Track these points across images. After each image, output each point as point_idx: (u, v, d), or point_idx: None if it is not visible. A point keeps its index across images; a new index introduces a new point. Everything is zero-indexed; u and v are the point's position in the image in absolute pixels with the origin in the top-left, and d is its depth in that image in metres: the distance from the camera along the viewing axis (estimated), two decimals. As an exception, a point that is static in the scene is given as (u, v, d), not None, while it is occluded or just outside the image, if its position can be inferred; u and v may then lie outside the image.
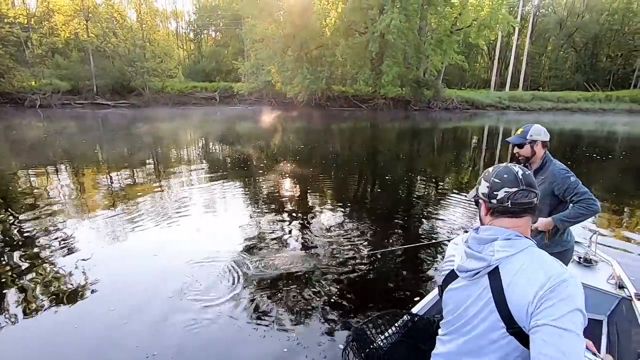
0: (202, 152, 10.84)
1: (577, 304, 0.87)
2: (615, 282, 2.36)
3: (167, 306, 2.76)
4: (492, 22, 23.64)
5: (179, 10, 49.35)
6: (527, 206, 1.01)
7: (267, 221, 4.67)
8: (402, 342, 1.44)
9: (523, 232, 1.01)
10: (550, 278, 0.89)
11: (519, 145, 2.12)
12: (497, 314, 0.93)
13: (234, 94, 28.71)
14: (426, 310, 1.98)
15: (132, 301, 2.84)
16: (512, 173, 1.02)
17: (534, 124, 2.13)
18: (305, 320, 2.67)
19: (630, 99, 28.85)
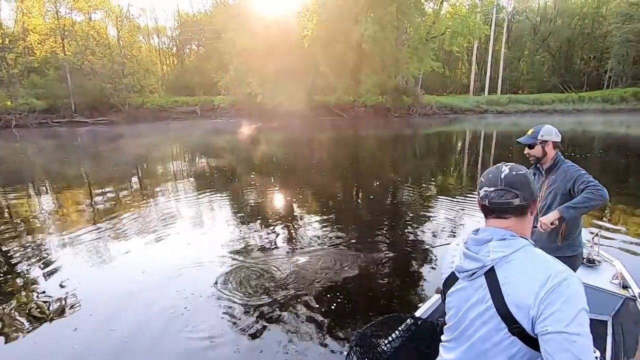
0: (184, 167, 10.78)
1: (581, 303, 0.86)
2: (619, 282, 2.33)
3: (162, 322, 2.75)
4: (464, 30, 24.23)
5: (161, 26, 49.38)
6: (505, 206, 0.99)
7: (256, 231, 4.69)
8: (406, 346, 1.42)
9: (519, 232, 1.00)
10: (550, 276, 0.88)
11: (529, 146, 2.11)
12: (497, 315, 0.92)
13: (216, 108, 28.65)
14: (429, 313, 1.97)
15: (127, 319, 2.80)
16: (497, 172, 1.02)
17: (544, 124, 2.12)
18: (306, 326, 2.66)
19: (602, 99, 29.72)
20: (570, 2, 41.49)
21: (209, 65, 42.74)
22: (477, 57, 39.71)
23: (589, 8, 39.44)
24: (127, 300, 3.08)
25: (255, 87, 26.29)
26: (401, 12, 23.34)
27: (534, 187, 1.01)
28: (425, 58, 25.80)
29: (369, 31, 21.22)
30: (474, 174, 8.93)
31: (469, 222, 5.02)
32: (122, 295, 3.15)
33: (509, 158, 11.03)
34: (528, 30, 41.88)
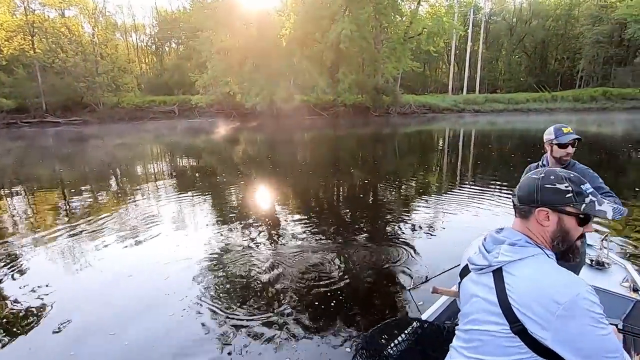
0: (157, 168, 10.56)
1: (598, 313, 0.86)
2: (629, 285, 2.28)
3: (158, 326, 2.69)
4: (440, 30, 24.61)
5: (139, 23, 48.31)
6: (514, 206, 1.04)
7: (237, 233, 4.64)
8: (412, 350, 1.41)
9: (535, 238, 1.00)
10: (561, 290, 0.87)
11: (572, 144, 2.02)
12: (501, 313, 0.94)
13: (194, 107, 28.25)
14: (436, 316, 1.93)
15: (110, 325, 2.72)
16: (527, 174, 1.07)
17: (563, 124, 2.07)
18: (310, 330, 2.63)
19: (574, 98, 30.71)
20: (545, 4, 42.69)
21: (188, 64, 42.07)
22: (456, 57, 40.43)
23: (562, 10, 40.67)
24: (110, 304, 3.03)
25: (234, 86, 26.06)
26: (378, 12, 23.52)
27: (539, 195, 0.98)
28: (403, 58, 26.09)
29: (346, 31, 21.32)
30: (455, 172, 9.16)
31: (451, 219, 5.16)
32: (103, 300, 3.11)
33: (489, 156, 11.40)
34: (505, 31, 42.88)
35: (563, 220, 0.98)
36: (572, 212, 0.97)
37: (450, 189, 7.14)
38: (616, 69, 34.87)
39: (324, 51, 23.20)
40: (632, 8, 30.90)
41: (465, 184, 7.53)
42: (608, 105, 29.98)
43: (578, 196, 0.97)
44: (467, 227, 4.86)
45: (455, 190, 7.01)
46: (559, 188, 0.97)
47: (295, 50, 24.31)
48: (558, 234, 0.98)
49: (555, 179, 0.99)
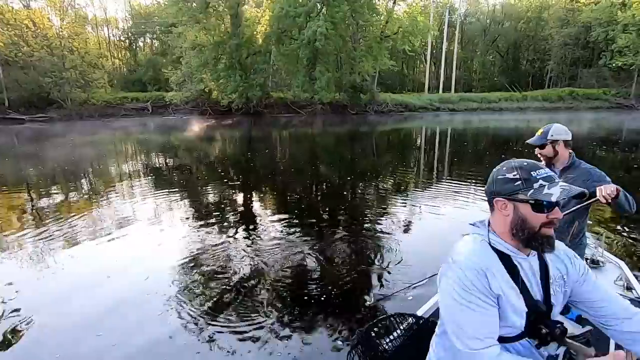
0: (131, 166, 10.20)
1: (444, 283, 1.04)
2: (623, 284, 2.30)
3: (137, 327, 2.66)
4: (415, 30, 25.00)
5: (112, 17, 46.61)
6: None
7: (214, 232, 4.58)
8: (408, 345, 1.41)
9: (494, 225, 1.07)
10: (446, 259, 1.07)
11: (540, 146, 2.09)
12: None
13: (168, 104, 27.59)
14: (432, 312, 1.94)
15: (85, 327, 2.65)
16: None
17: (554, 123, 2.08)
18: (305, 326, 2.64)
19: (542, 98, 31.92)
20: (517, 6, 44.03)
21: (164, 60, 41.05)
22: (432, 57, 41.19)
23: (533, 12, 42.07)
24: (84, 307, 2.95)
25: (209, 83, 25.62)
26: (354, 11, 23.63)
27: (494, 186, 1.05)
28: (380, 56, 26.33)
29: (322, 29, 21.32)
30: (432, 169, 9.38)
31: (429, 215, 5.28)
32: (77, 303, 3.02)
33: (465, 154, 11.68)
34: (479, 32, 43.98)
35: (518, 209, 1.01)
36: (523, 199, 1.00)
37: (427, 186, 7.32)
38: (582, 70, 36.43)
39: (300, 49, 23.10)
40: (596, 12, 32.36)
41: (442, 181, 7.72)
42: (574, 104, 31.32)
43: (526, 182, 1.00)
44: (444, 221, 5.02)
45: (432, 187, 7.20)
46: (508, 177, 1.02)
47: (271, 47, 24.11)
48: (516, 222, 1.01)
49: (506, 169, 1.04)
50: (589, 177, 1.97)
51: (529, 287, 1.03)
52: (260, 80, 25.12)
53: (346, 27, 24.65)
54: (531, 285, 1.04)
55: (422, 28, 25.15)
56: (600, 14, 31.74)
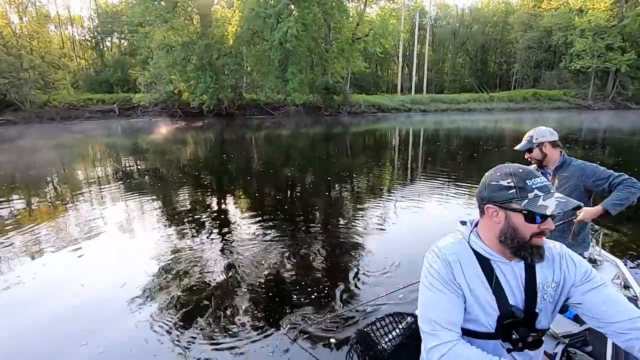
0: (98, 172, 9.74)
1: (427, 270, 1.06)
2: (620, 282, 2.31)
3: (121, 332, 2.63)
4: (385, 32, 25.40)
5: (77, 15, 44.67)
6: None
7: (193, 236, 4.51)
8: (406, 344, 1.40)
9: (482, 229, 1.05)
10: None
11: (528, 150, 2.15)
12: None
13: (136, 106, 26.71)
14: None
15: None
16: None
17: (538, 127, 2.13)
18: (283, 330, 2.63)
19: (508, 99, 33.22)
20: (484, 11, 45.68)
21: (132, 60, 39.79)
22: (406, 59, 42.03)
23: (499, 17, 43.77)
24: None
25: (179, 84, 25.03)
26: (324, 12, 23.74)
27: (486, 192, 1.00)
28: (351, 58, 26.59)
29: (292, 30, 21.28)
30: (405, 169, 9.55)
31: (404, 213, 5.38)
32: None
33: (437, 153, 11.96)
34: (449, 35, 45.30)
35: (510, 217, 0.97)
36: (516, 209, 0.95)
37: (401, 185, 7.45)
38: (545, 73, 38.19)
39: (271, 50, 22.96)
40: (556, 17, 34.02)
41: (416, 180, 7.90)
42: (538, 105, 32.77)
43: (521, 191, 0.94)
44: (418, 219, 5.14)
45: (406, 186, 7.34)
46: (502, 184, 0.97)
47: (242, 48, 23.84)
48: (506, 231, 0.97)
49: (500, 175, 0.99)
50: (582, 172, 2.02)
51: (506, 291, 1.00)
52: (231, 82, 24.77)
53: (318, 29, 24.72)
54: (510, 289, 1.01)
55: (392, 30, 25.58)
56: (560, 19, 33.40)
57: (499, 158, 10.76)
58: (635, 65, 30.29)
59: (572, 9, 33.53)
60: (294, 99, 24.90)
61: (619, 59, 29.99)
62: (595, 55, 30.61)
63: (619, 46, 30.19)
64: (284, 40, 21.87)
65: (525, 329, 0.99)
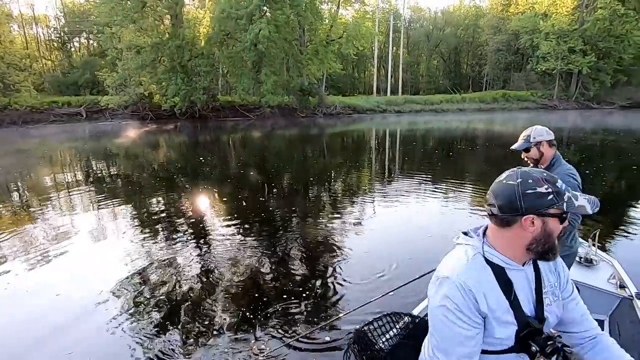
0: (67, 177, 9.32)
1: (441, 297, 0.97)
2: (616, 282, 2.31)
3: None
4: (358, 35, 25.65)
5: (42, 15, 42.77)
6: (488, 212, 1.02)
7: (167, 243, 4.38)
8: (404, 344, 1.40)
9: (492, 240, 1.01)
10: (439, 270, 1.01)
11: (525, 150, 2.09)
12: None
13: (105, 109, 25.82)
14: (427, 311, 1.77)
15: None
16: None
17: (535, 127, 2.09)
18: (263, 335, 2.60)
19: (479, 100, 34.25)
20: (456, 14, 46.97)
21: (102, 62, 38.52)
22: (383, 61, 42.61)
23: (470, 20, 45.10)
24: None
25: (149, 86, 24.40)
26: (297, 14, 23.73)
27: (524, 202, 0.92)
28: (326, 60, 26.68)
29: (264, 31, 21.15)
30: (383, 169, 9.69)
31: (382, 213, 5.43)
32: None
33: (414, 153, 12.17)
34: (423, 37, 46.27)
35: (547, 223, 0.94)
36: (555, 214, 0.94)
37: (379, 185, 7.53)
38: (514, 74, 39.63)
39: (244, 51, 22.74)
40: (522, 21, 35.37)
41: (393, 180, 8.02)
42: (507, 105, 33.94)
43: (558, 196, 0.93)
44: (395, 219, 5.22)
45: (384, 186, 7.43)
46: (541, 192, 0.93)
47: (215, 49, 23.50)
48: (541, 237, 0.95)
49: (534, 182, 0.94)
50: (562, 179, 2.05)
51: (521, 302, 1.00)
52: (204, 83, 24.35)
53: (291, 31, 24.67)
54: (524, 297, 1.01)
55: (365, 33, 25.85)
56: (526, 23, 34.75)
57: (474, 157, 11.13)
58: (595, 67, 31.89)
59: (537, 13, 34.95)
60: (269, 101, 24.75)
61: (581, 61, 31.48)
62: (559, 58, 32.01)
63: (580, 49, 31.70)
64: (256, 42, 21.71)
65: (540, 337, 0.98)
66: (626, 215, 5.32)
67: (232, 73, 24.42)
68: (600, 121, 22.80)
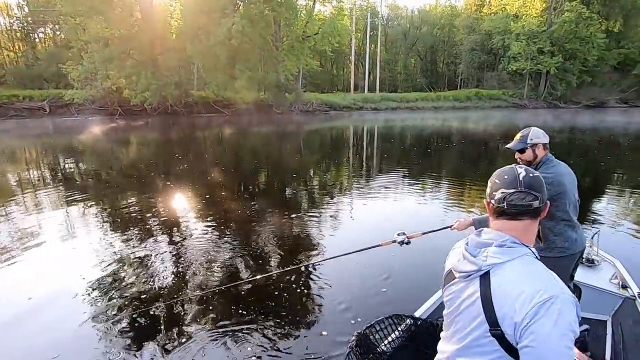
0: (35, 175, 8.77)
1: (567, 323, 0.84)
2: (618, 282, 2.31)
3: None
4: (333, 31, 25.60)
5: (3, 3, 40.30)
6: (524, 209, 0.98)
7: (139, 243, 4.24)
8: (406, 347, 1.39)
9: (521, 237, 0.98)
10: (539, 291, 0.87)
11: (520, 151, 2.07)
12: (483, 316, 0.94)
13: (70, 103, 24.67)
14: (429, 313, 1.86)
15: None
16: (514, 174, 1.00)
17: (531, 128, 2.07)
18: (300, 327, 2.59)
19: (454, 98, 34.98)
20: (432, 13, 47.69)
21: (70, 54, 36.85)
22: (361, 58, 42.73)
23: (445, 19, 45.91)
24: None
25: (117, 80, 23.48)
26: (272, 9, 23.41)
27: (545, 194, 1.01)
28: (301, 56, 26.50)
29: (237, 26, 20.73)
30: (361, 165, 9.72)
31: (360, 207, 5.44)
32: None
33: (391, 150, 12.28)
34: (400, 35, 46.75)
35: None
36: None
37: (358, 181, 7.56)
38: (487, 73, 40.65)
39: (216, 46, 22.23)
40: (495, 22, 36.34)
41: (372, 176, 8.06)
42: (480, 104, 34.83)
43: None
44: (375, 214, 5.27)
45: (362, 181, 7.45)
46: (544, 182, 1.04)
47: (187, 43, 22.87)
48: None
49: (536, 176, 1.02)
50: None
51: None
52: (175, 78, 23.69)
53: (266, 26, 24.34)
54: None
55: (340, 29, 25.82)
56: (498, 24, 35.71)
57: (449, 153, 11.42)
58: (562, 67, 33.18)
59: (508, 14, 35.98)
60: (244, 97, 24.38)
61: (549, 61, 32.67)
62: (529, 58, 33.09)
63: (548, 50, 32.88)
64: (229, 37, 21.27)
65: None
66: (629, 215, 5.29)
67: (205, 68, 23.83)
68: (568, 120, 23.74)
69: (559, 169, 2.01)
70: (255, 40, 23.03)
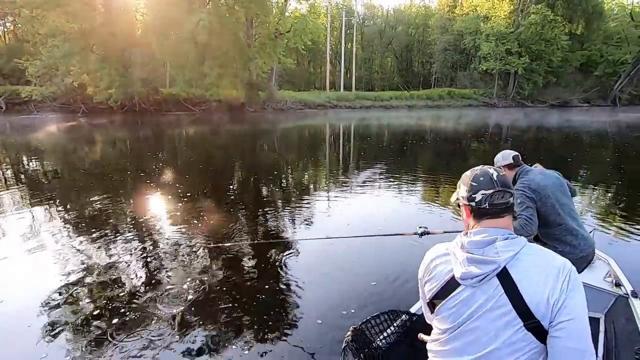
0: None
1: (583, 289, 0.95)
2: (612, 280, 2.33)
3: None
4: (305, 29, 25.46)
5: (-43, -7, 37.81)
6: (505, 206, 1.03)
7: (108, 248, 3.96)
8: (401, 342, 1.41)
9: (511, 230, 1.03)
10: (560, 269, 0.93)
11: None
12: (513, 313, 0.92)
13: (29, 100, 23.46)
14: None
15: None
16: (488, 175, 1.05)
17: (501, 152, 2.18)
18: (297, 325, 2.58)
19: (427, 97, 35.63)
20: (407, 13, 48.34)
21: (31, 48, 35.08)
22: (336, 56, 42.78)
23: (420, 19, 46.65)
24: None
25: (79, 76, 22.50)
26: (241, 4, 23.00)
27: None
28: (273, 54, 26.22)
29: (204, 22, 20.25)
30: (337, 164, 9.71)
31: (337, 207, 5.38)
32: None
33: (365, 148, 12.23)
34: (376, 34, 47.15)
35: None
36: None
37: (335, 180, 7.46)
38: (459, 73, 41.62)
39: (183, 43, 21.65)
40: (466, 22, 37.21)
41: (348, 174, 8.01)
42: (452, 103, 35.63)
43: None
44: (353, 212, 5.23)
45: (339, 181, 7.37)
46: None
47: (151, 39, 22.16)
48: None
49: (504, 173, 1.10)
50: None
51: None
52: (142, 75, 22.92)
53: (236, 23, 23.91)
54: None
55: (312, 28, 25.71)
56: (469, 24, 36.59)
57: (425, 151, 11.64)
58: (529, 68, 34.36)
59: (479, 16, 36.91)
60: (214, 94, 23.89)
61: (516, 62, 33.76)
62: (498, 59, 34.08)
63: (516, 51, 33.96)
64: (196, 33, 20.76)
65: None
66: (624, 213, 5.31)
67: (172, 65, 23.19)
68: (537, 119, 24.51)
69: (532, 174, 2.05)
70: (225, 36, 22.57)
